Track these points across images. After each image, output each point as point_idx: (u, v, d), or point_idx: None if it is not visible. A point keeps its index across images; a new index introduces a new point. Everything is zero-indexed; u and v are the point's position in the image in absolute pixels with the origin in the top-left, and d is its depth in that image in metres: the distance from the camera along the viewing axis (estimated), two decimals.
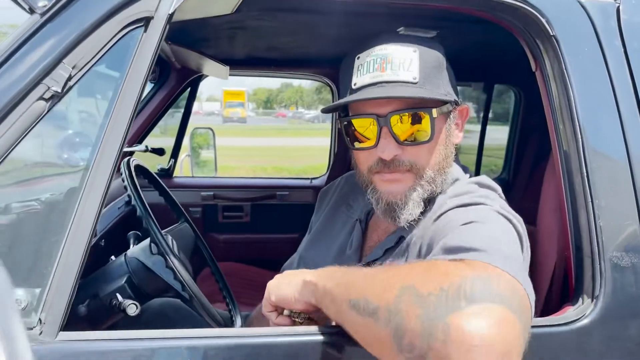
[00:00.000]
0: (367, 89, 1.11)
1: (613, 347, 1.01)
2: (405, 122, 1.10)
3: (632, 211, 1.07)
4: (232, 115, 37.85)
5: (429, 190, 1.14)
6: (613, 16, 1.17)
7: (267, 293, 1.05)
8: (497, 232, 0.94)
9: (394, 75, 1.09)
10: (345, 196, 1.45)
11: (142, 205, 1.27)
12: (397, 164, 1.12)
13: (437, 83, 1.13)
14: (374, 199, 1.18)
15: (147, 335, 0.92)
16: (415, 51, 1.11)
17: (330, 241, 1.37)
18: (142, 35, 1.00)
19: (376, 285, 0.81)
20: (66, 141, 1.38)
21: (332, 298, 0.89)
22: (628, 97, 1.12)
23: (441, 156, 1.16)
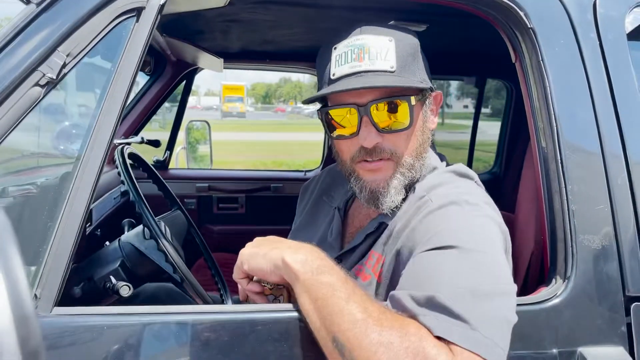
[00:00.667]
0: (346, 79, 1.13)
1: (582, 325, 1.06)
2: (384, 110, 1.13)
3: (603, 196, 1.11)
4: (231, 110, 37.84)
5: (409, 177, 1.18)
6: (589, 9, 1.21)
7: (240, 262, 1.07)
8: (480, 263, 0.95)
9: (372, 65, 1.12)
10: (327, 188, 1.48)
11: (134, 190, 1.31)
12: (378, 151, 1.15)
13: (413, 71, 1.16)
14: (357, 187, 1.21)
15: (138, 310, 0.96)
16: (391, 40, 1.14)
17: (313, 232, 1.39)
18: (134, 25, 1.04)
19: (364, 348, 0.83)
20: (60, 129, 1.42)
21: (312, 311, 0.91)
22: (602, 87, 1.16)
23: (419, 142, 1.19)
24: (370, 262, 1.17)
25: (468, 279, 0.91)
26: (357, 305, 0.88)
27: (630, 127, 1.15)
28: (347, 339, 0.85)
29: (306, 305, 0.92)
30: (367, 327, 0.84)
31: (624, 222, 1.11)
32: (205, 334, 0.94)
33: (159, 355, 0.95)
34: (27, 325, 0.30)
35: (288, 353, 0.96)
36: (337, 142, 1.23)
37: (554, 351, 1.04)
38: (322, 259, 0.97)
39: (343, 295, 0.89)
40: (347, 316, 0.86)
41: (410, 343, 0.82)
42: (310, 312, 0.92)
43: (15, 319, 0.30)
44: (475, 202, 1.07)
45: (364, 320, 0.85)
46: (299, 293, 0.94)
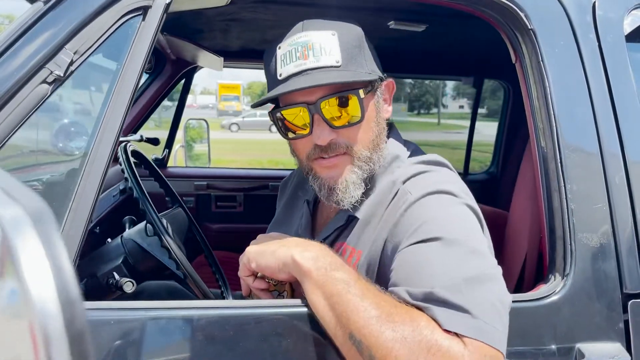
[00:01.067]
0: (292, 78, 1.12)
1: (581, 321, 1.08)
2: (334, 105, 1.12)
3: (601, 195, 1.13)
4: (227, 108, 37.79)
5: (367, 170, 1.17)
6: (589, 11, 1.23)
7: (247, 259, 1.08)
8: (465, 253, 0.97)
9: (317, 62, 1.10)
10: (302, 182, 1.46)
11: (138, 188, 1.33)
12: (333, 147, 1.14)
13: (360, 62, 1.15)
14: (317, 185, 1.20)
15: (144, 305, 0.97)
16: (334, 34, 1.13)
17: (288, 226, 1.40)
18: (141, 24, 1.06)
19: (381, 345, 0.85)
20: (58, 127, 1.43)
21: (325, 308, 0.93)
22: (601, 88, 1.18)
23: (374, 134, 1.17)
24: (344, 256, 1.17)
25: (458, 268, 0.93)
26: (371, 301, 0.90)
27: (628, 127, 1.17)
28: (364, 335, 0.87)
29: (319, 302, 0.93)
30: (382, 324, 0.87)
31: (621, 220, 1.13)
32: (211, 329, 0.95)
33: (164, 350, 0.96)
34: (73, 308, 0.32)
35: (292, 348, 0.97)
36: (292, 142, 1.22)
37: (553, 347, 1.06)
38: (332, 256, 0.98)
39: (357, 292, 0.91)
40: (362, 313, 0.88)
41: (423, 337, 0.85)
42: (324, 309, 0.93)
43: (61, 303, 0.31)
44: (451, 190, 1.07)
45: (378, 317, 0.87)
46: (311, 290, 0.95)
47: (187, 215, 1.77)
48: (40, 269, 0.32)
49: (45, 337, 0.30)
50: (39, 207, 0.34)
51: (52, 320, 0.31)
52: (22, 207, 0.34)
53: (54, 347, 0.30)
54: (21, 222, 0.33)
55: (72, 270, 0.33)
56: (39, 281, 0.32)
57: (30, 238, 0.33)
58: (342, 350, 0.91)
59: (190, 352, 0.95)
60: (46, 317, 0.31)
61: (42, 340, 0.31)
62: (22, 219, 0.33)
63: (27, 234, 0.33)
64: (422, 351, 0.83)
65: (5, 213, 0.34)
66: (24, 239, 0.33)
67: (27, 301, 0.31)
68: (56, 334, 0.30)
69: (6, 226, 0.33)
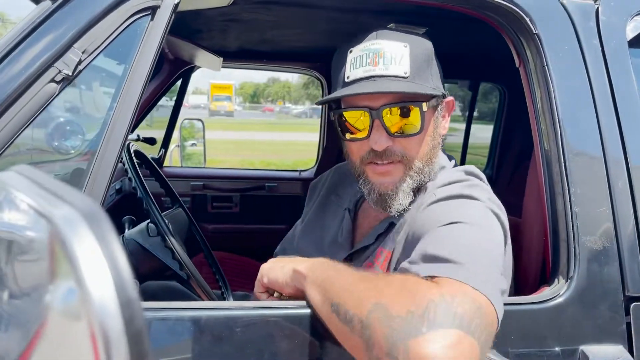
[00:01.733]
0: (359, 82, 1.15)
1: (584, 323, 1.09)
2: (396, 114, 1.15)
3: (605, 198, 1.14)
4: (219, 108, 37.70)
5: (417, 181, 1.20)
6: (592, 17, 1.24)
7: (260, 275, 1.13)
8: (481, 237, 0.99)
9: (386, 70, 1.14)
10: (334, 186, 1.50)
11: (142, 187, 1.32)
12: (388, 154, 1.17)
13: (426, 77, 1.18)
14: (366, 189, 1.23)
15: (151, 306, 0.97)
16: (406, 46, 1.16)
17: (323, 231, 1.42)
18: (149, 24, 1.06)
19: (354, 295, 0.87)
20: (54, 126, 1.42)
21: (317, 295, 0.96)
22: (604, 92, 1.19)
23: (429, 147, 1.21)
24: (379, 259, 1.20)
25: (468, 243, 0.96)
26: (359, 276, 0.94)
27: (631, 131, 1.18)
28: (341, 297, 0.89)
29: (312, 292, 0.97)
30: (360, 282, 0.90)
31: (624, 224, 1.14)
32: (218, 330, 0.95)
33: (171, 351, 0.96)
34: (131, 307, 0.32)
35: (299, 350, 0.97)
36: (347, 144, 1.25)
37: (557, 349, 1.07)
38: (327, 262, 1.03)
39: (345, 272, 0.96)
40: (344, 281, 0.92)
41: (394, 284, 0.87)
42: (314, 296, 0.96)
43: (120, 303, 0.31)
44: (477, 196, 1.09)
45: (358, 280, 0.91)
46: (308, 288, 0.99)
47: (187, 216, 1.77)
48: (99, 267, 0.32)
49: (105, 337, 0.30)
50: (91, 206, 0.35)
51: (111, 320, 0.31)
52: (74, 207, 0.34)
53: (114, 347, 0.30)
54: (75, 221, 0.33)
55: (129, 269, 0.33)
56: (97, 280, 0.32)
57: (86, 237, 0.33)
58: (328, 325, 0.93)
59: (197, 353, 0.94)
60: (106, 316, 0.31)
61: (101, 341, 0.31)
62: (76, 218, 0.33)
63: (82, 233, 0.33)
64: (391, 294, 0.84)
65: (57, 213, 0.34)
66: (80, 237, 0.33)
67: (86, 301, 0.31)
68: (116, 334, 0.30)
69: (60, 225, 0.33)
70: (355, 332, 0.84)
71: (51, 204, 0.35)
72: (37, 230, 0.36)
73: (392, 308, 0.81)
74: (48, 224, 0.34)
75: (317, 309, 0.95)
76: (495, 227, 1.05)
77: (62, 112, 1.12)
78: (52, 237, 0.34)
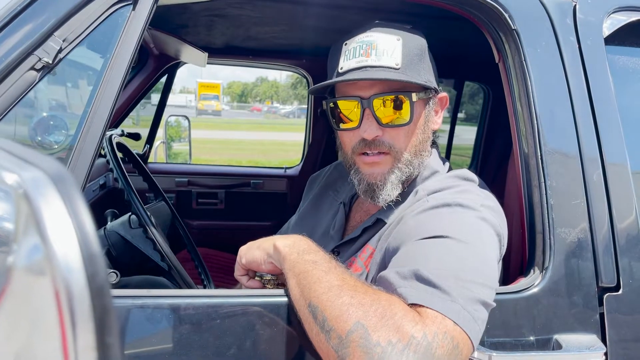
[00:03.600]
0: (352, 72, 1.18)
1: (558, 313, 1.11)
2: (386, 105, 1.17)
3: (580, 191, 1.17)
4: (206, 107, 37.54)
5: (406, 173, 1.22)
6: (570, 14, 1.26)
7: (238, 257, 1.14)
8: (469, 254, 0.99)
9: (378, 61, 1.17)
10: (333, 182, 1.53)
11: (124, 179, 1.32)
12: (377, 144, 1.19)
13: (418, 70, 1.20)
14: (356, 179, 1.25)
15: (131, 293, 0.97)
16: (399, 39, 1.19)
17: (316, 222, 1.44)
18: (131, 14, 1.06)
19: (335, 306, 0.87)
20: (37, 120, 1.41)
21: (295, 287, 0.96)
22: (581, 87, 1.22)
23: (418, 140, 1.23)
24: (364, 255, 1.21)
25: (454, 264, 0.95)
26: (336, 276, 0.93)
27: (606, 126, 1.21)
28: (321, 301, 0.89)
29: (290, 282, 0.97)
30: (342, 291, 0.89)
31: (598, 216, 1.16)
32: (197, 318, 0.96)
33: (149, 338, 0.96)
34: (94, 263, 0.32)
35: (279, 337, 0.98)
36: (340, 134, 1.28)
37: (532, 338, 1.09)
38: (307, 243, 1.03)
39: (324, 268, 0.95)
40: (325, 283, 0.91)
41: (379, 306, 0.86)
42: (293, 287, 0.96)
43: (83, 258, 0.32)
44: (470, 205, 1.09)
45: (339, 287, 0.90)
46: (286, 272, 1.00)
47: (170, 209, 1.77)
48: (63, 225, 0.33)
49: (68, 292, 0.31)
50: (58, 168, 0.35)
51: (74, 275, 0.31)
52: (41, 169, 0.35)
53: (77, 301, 0.31)
54: (42, 182, 0.34)
55: (93, 227, 0.33)
56: (61, 237, 0.33)
57: (52, 196, 0.33)
58: (303, 322, 0.93)
59: (175, 341, 0.95)
60: (69, 272, 0.32)
61: (64, 295, 0.31)
62: (43, 179, 0.34)
63: (48, 193, 0.33)
64: (375, 317, 0.84)
65: (25, 175, 0.34)
66: (46, 197, 0.33)
67: (50, 257, 0.32)
68: (79, 289, 0.31)
69: (27, 186, 0.34)
70: (330, 344, 0.86)
71: (19, 167, 0.35)
72: (4, 192, 0.36)
73: (373, 333, 0.82)
74: (15, 185, 0.34)
75: (293, 299, 0.96)
76: (486, 238, 1.05)
77: (42, 105, 1.12)
78: (19, 197, 0.35)
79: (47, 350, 0.32)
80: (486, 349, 1.05)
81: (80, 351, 0.31)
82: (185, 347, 0.95)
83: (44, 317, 0.33)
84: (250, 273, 1.15)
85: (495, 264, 1.05)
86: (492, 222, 1.08)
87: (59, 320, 0.31)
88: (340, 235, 1.35)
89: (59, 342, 0.31)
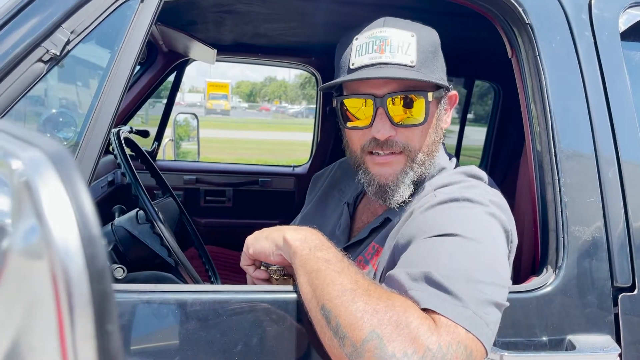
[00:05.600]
0: (365, 69, 1.13)
1: (572, 313, 1.08)
2: (399, 104, 1.13)
3: (594, 189, 1.14)
4: (215, 107, 37.61)
5: (419, 173, 1.18)
6: (585, 8, 1.24)
7: (245, 247, 1.11)
8: (480, 252, 0.97)
9: (392, 58, 1.12)
10: (338, 181, 1.49)
11: (131, 173, 1.31)
12: (390, 144, 1.15)
13: (432, 68, 1.16)
14: (366, 180, 1.21)
15: (135, 288, 0.96)
16: (413, 35, 1.14)
17: (322, 223, 1.40)
18: (139, 6, 1.05)
19: (350, 312, 0.85)
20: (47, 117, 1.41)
21: (307, 285, 0.94)
22: (595, 83, 1.19)
23: (431, 139, 1.19)
24: (370, 253, 1.19)
25: (465, 264, 0.93)
26: (349, 277, 0.90)
27: (621, 123, 1.18)
28: (335, 305, 0.87)
29: (301, 279, 0.95)
30: (355, 296, 0.87)
31: (613, 214, 1.14)
32: (204, 313, 0.95)
33: (156, 333, 0.95)
34: (93, 245, 0.31)
35: (287, 334, 0.97)
36: (348, 132, 1.23)
37: (544, 338, 1.07)
38: (320, 239, 1.00)
39: (337, 268, 0.92)
40: (338, 286, 0.89)
41: (394, 313, 0.85)
42: (304, 285, 0.94)
43: (82, 240, 0.31)
44: (478, 200, 1.07)
45: (353, 290, 0.88)
46: (297, 269, 0.97)
47: (178, 205, 1.76)
48: (61, 206, 0.31)
49: (66, 276, 0.30)
50: (58, 149, 0.34)
51: (73, 258, 0.30)
52: (40, 149, 0.33)
53: (75, 285, 0.30)
54: (40, 162, 0.33)
55: (92, 208, 0.32)
56: (60, 218, 0.31)
57: (51, 176, 0.32)
58: (314, 324, 0.91)
59: (181, 337, 0.94)
60: (67, 255, 0.30)
61: (62, 279, 0.30)
62: (42, 159, 0.33)
63: (47, 173, 0.32)
64: (390, 325, 0.83)
65: (24, 155, 0.33)
66: (44, 177, 0.32)
67: (48, 239, 0.31)
68: (77, 273, 0.30)
69: (26, 166, 0.32)
70: (344, 351, 0.84)
71: (17, 147, 0.34)
72: (2, 174, 0.35)
73: (388, 344, 0.81)
74: (12, 164, 0.33)
75: (304, 298, 0.94)
76: (495, 235, 1.03)
77: (49, 99, 1.11)
78: (15, 177, 0.33)
79: (43, 338, 0.31)
80: (498, 348, 1.03)
81: (78, 339, 0.29)
82: (191, 343, 0.94)
83: (40, 302, 0.31)
84: (256, 263, 1.12)
85: (506, 260, 1.03)
86: (501, 217, 1.06)
87: (56, 306, 0.30)
88: (347, 235, 1.32)
89: (56, 329, 0.30)
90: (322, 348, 0.90)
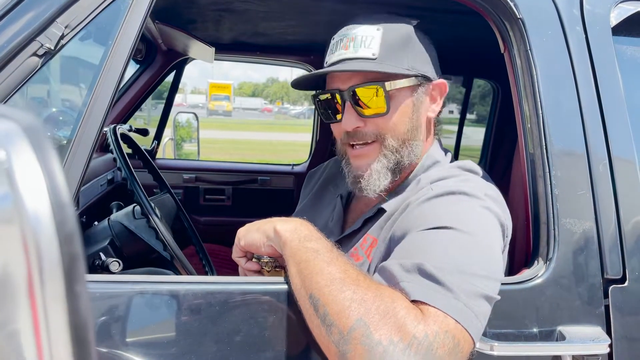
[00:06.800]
0: (333, 66, 1.20)
1: (562, 305, 1.09)
2: (364, 96, 1.16)
3: (585, 182, 1.15)
4: (217, 108, 37.68)
5: (393, 160, 1.20)
6: (576, 4, 1.25)
7: (237, 239, 1.13)
8: (474, 246, 0.98)
9: (355, 53, 1.17)
10: (333, 176, 1.52)
11: (127, 168, 1.32)
12: (360, 135, 1.19)
13: (400, 59, 1.18)
14: (347, 170, 1.27)
15: (129, 279, 0.97)
16: (379, 29, 1.18)
17: (315, 215, 1.43)
18: (133, 1, 1.06)
19: (337, 300, 0.86)
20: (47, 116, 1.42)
21: (296, 275, 0.95)
22: (587, 78, 1.20)
23: (406, 127, 1.20)
24: (365, 244, 1.20)
25: (458, 256, 0.94)
26: (338, 267, 0.92)
27: (612, 117, 1.19)
28: (323, 294, 0.88)
29: (291, 270, 0.96)
30: (344, 285, 0.88)
31: (604, 207, 1.14)
32: (197, 304, 0.96)
33: (150, 324, 0.96)
34: (63, 211, 0.32)
35: (279, 324, 0.98)
36: (331, 126, 1.29)
37: (535, 330, 1.08)
38: (309, 229, 1.02)
39: (326, 258, 0.94)
40: (326, 275, 0.90)
41: (382, 302, 0.86)
42: (293, 275, 0.95)
43: (52, 206, 0.32)
44: (474, 193, 1.08)
45: (342, 280, 0.89)
46: (287, 259, 0.99)
47: (175, 201, 1.77)
48: (32, 173, 0.32)
49: (36, 240, 0.31)
50: (31, 120, 0.35)
51: (43, 223, 0.31)
52: (15, 121, 0.35)
53: (45, 249, 0.31)
54: (13, 132, 0.34)
55: (62, 175, 0.33)
56: (30, 185, 0.32)
57: (22, 145, 0.33)
58: (303, 313, 0.93)
59: (175, 326, 0.95)
60: (37, 220, 0.31)
61: (32, 243, 0.31)
62: (14, 130, 0.34)
63: (18, 142, 0.33)
64: (378, 314, 0.84)
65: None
66: (16, 146, 0.33)
67: (18, 204, 0.32)
68: (47, 237, 0.31)
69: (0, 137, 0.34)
70: (331, 338, 0.85)
71: None
72: None
73: (375, 332, 0.82)
74: None
75: (294, 288, 0.95)
76: (490, 229, 1.04)
77: (41, 95, 1.12)
78: None
79: (14, 301, 0.32)
80: (488, 339, 1.03)
81: (48, 300, 0.31)
82: (184, 334, 0.95)
83: (12, 267, 0.32)
84: (248, 255, 1.14)
85: (500, 255, 1.04)
86: (496, 211, 1.07)
87: (27, 269, 0.31)
88: (340, 227, 1.34)
89: (26, 291, 0.31)
90: (312, 337, 0.91)
